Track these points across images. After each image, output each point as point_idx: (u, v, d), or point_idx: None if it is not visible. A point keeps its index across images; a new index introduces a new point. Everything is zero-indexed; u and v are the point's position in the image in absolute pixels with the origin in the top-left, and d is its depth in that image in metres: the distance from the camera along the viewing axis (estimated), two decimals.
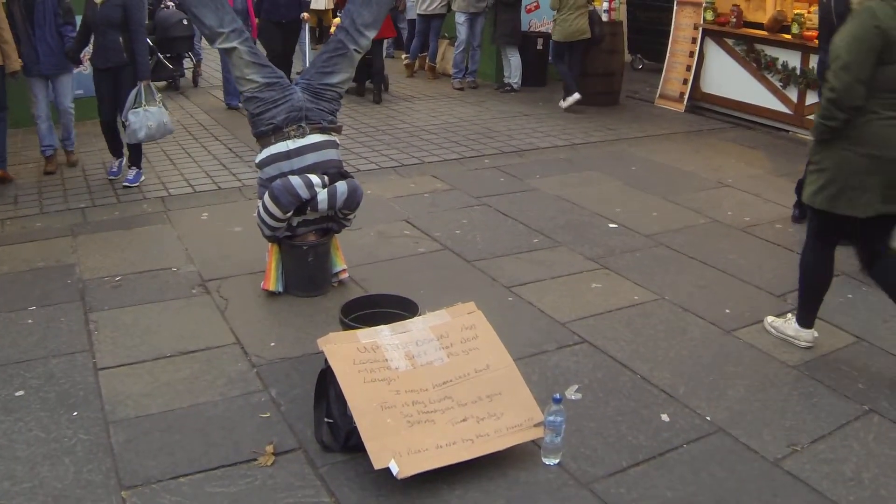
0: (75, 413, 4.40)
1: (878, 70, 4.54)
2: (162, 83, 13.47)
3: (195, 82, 14.07)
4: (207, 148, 9.87)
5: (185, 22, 13.08)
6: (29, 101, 8.90)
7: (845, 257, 5.68)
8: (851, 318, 5.62)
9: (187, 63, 14.20)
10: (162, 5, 13.84)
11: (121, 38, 7.99)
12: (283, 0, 11.95)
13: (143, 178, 8.48)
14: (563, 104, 12.04)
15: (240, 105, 10.86)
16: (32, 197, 8.01)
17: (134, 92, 7.98)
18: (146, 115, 7.97)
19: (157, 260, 6.45)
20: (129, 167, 8.50)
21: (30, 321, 5.46)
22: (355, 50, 5.91)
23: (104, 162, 9.11)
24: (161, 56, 13.16)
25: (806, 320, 5.26)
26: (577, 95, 11.98)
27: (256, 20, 11.70)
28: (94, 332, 5.30)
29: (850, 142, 4.68)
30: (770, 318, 5.48)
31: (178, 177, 8.66)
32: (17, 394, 4.58)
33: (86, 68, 9.41)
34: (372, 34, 6.02)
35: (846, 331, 5.46)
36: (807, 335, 5.25)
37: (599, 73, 12.34)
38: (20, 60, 8.30)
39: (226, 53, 5.87)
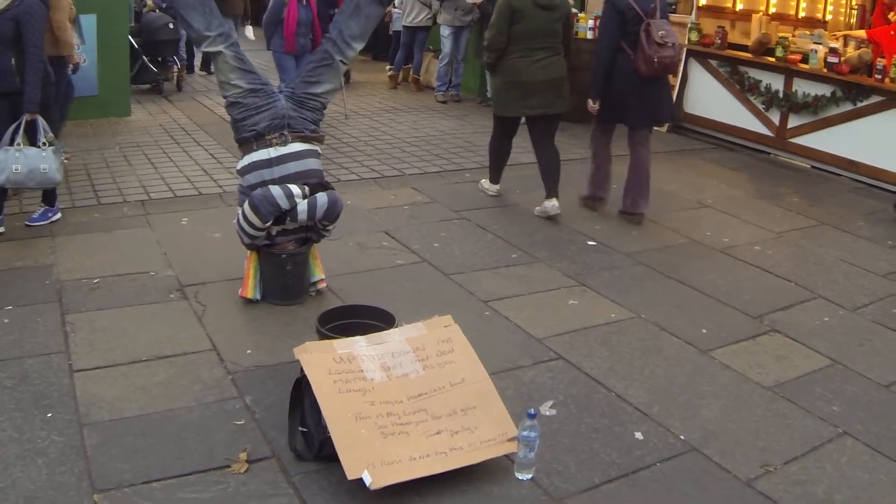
0: (49, 414, 4.38)
1: (512, 29, 7.73)
2: (146, 86, 13.45)
3: (179, 86, 13.96)
4: (189, 153, 9.84)
5: (170, 26, 13.05)
6: None
7: (823, 281, 5.71)
8: (827, 342, 5.65)
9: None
10: (146, 9, 13.84)
11: (13, 59, 6.63)
12: (324, 15, 12.09)
13: (55, 216, 7.36)
14: None
15: None
16: (12, 196, 7.97)
17: (13, 126, 6.70)
18: (16, 157, 6.63)
19: (135, 263, 6.42)
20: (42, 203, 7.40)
21: (6, 321, 5.43)
22: (341, 61, 5.92)
23: (86, 164, 9.08)
24: (146, 59, 13.10)
25: (495, 179, 8.74)
26: None
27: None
28: (71, 334, 5.28)
29: (501, 73, 7.99)
30: (481, 182, 8.91)
31: (159, 181, 8.64)
32: None
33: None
34: (359, 46, 6.04)
35: (821, 353, 5.50)
36: (494, 187, 8.74)
37: (583, 90, 12.33)
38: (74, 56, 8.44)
39: (211, 57, 5.86)
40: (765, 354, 5.45)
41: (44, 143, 6.82)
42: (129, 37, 12.29)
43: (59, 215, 7.37)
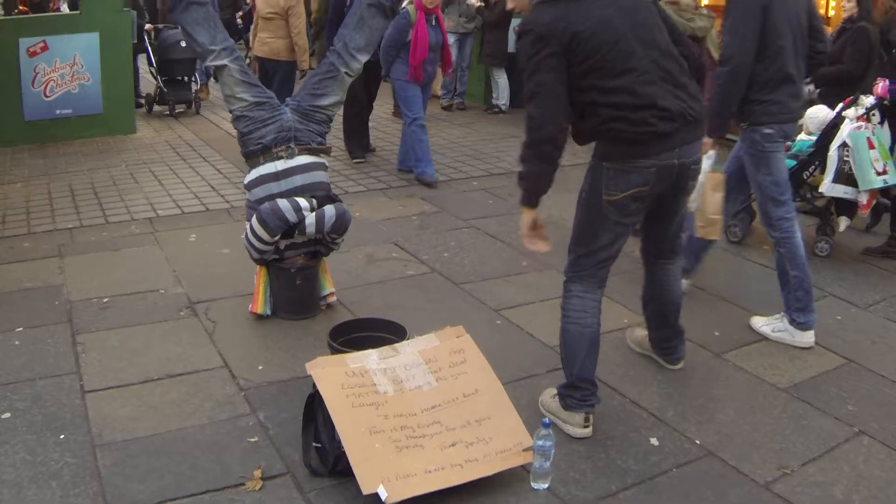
0: (62, 436, 4.37)
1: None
2: (163, 108, 13.22)
3: (197, 109, 13.48)
4: (196, 169, 9.86)
5: (183, 44, 12.31)
6: None
7: (834, 279, 5.69)
8: (840, 340, 5.62)
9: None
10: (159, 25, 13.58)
11: None
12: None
13: None
14: None
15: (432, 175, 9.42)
16: (20, 217, 7.99)
17: None
18: None
19: (144, 281, 6.42)
20: None
21: (17, 342, 5.43)
22: (346, 73, 5.93)
23: (93, 182, 9.10)
24: (160, 80, 12.93)
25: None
26: None
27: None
28: (82, 354, 5.27)
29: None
30: None
31: (167, 198, 8.65)
32: (3, 416, 4.55)
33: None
34: (364, 58, 6.04)
35: (835, 352, 5.47)
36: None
37: None
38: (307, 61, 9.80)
39: (216, 71, 5.87)
40: (778, 355, 5.42)
41: None
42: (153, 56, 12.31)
43: None
